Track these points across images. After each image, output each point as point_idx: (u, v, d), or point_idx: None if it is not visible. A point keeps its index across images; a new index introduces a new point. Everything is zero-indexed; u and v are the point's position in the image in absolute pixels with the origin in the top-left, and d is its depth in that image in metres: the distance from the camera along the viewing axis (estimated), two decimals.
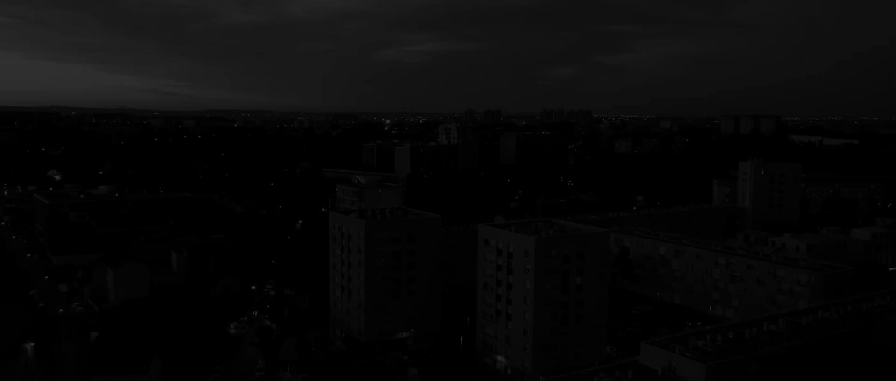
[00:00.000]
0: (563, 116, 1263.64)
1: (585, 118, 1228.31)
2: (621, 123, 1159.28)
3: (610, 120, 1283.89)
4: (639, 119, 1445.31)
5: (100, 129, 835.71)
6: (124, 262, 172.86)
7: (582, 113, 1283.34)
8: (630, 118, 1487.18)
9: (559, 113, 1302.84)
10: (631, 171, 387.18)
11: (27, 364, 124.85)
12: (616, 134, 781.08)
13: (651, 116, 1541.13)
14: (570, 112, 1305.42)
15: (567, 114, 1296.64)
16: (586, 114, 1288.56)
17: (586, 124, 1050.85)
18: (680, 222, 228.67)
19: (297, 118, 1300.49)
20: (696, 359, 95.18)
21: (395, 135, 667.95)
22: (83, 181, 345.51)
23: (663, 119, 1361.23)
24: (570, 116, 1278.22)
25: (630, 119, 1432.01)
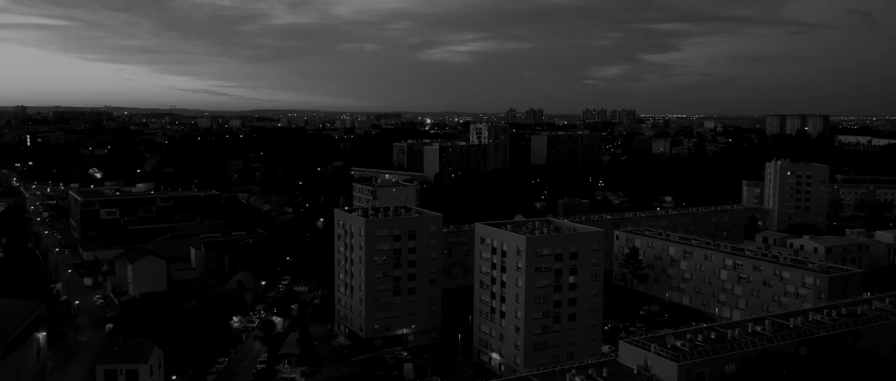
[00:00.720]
0: (606, 116, 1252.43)
1: (628, 118, 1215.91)
2: (665, 123, 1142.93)
3: (655, 120, 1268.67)
4: (684, 119, 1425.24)
5: (148, 128, 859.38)
6: (142, 257, 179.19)
7: (625, 113, 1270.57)
8: (676, 118, 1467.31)
9: (601, 113, 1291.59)
10: (662, 171, 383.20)
11: (39, 353, 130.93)
12: (657, 134, 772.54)
13: (699, 116, 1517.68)
14: (613, 112, 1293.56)
15: (610, 114, 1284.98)
16: (629, 114, 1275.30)
17: (628, 124, 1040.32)
18: (700, 224, 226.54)
19: (340, 118, 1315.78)
20: (670, 358, 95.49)
21: (434, 134, 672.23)
22: (123, 179, 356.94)
23: (708, 119, 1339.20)
24: (613, 115, 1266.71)
25: (675, 119, 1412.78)
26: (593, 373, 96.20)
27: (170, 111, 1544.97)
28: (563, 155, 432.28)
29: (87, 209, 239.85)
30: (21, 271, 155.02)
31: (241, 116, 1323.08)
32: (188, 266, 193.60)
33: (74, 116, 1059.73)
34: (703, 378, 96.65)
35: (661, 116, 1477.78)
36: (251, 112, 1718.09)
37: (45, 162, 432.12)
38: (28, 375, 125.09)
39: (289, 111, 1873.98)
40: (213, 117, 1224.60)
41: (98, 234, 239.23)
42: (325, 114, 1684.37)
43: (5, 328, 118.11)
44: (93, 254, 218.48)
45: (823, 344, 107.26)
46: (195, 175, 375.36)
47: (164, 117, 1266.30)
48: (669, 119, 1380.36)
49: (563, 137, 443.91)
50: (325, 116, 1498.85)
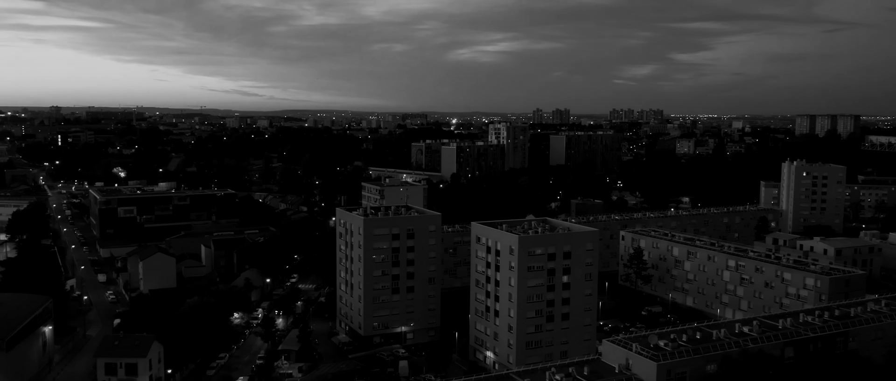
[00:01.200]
0: (633, 116, 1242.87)
1: (655, 118, 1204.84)
2: (693, 123, 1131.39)
3: (683, 120, 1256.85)
4: (715, 119, 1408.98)
5: (177, 128, 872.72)
6: (152, 254, 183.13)
7: (652, 113, 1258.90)
8: (706, 118, 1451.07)
9: (629, 113, 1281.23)
10: (682, 172, 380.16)
11: (45, 346, 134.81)
12: (683, 135, 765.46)
13: (730, 116, 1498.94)
14: (641, 112, 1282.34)
15: (637, 114, 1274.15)
16: (657, 114, 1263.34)
17: (655, 124, 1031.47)
18: (710, 225, 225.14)
19: (367, 118, 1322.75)
20: (649, 358, 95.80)
21: (459, 135, 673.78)
22: (147, 178, 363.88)
23: (739, 119, 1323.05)
24: (640, 115, 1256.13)
25: (705, 119, 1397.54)
26: (574, 371, 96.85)
27: (199, 111, 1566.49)
28: (583, 155, 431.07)
29: (105, 208, 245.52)
30: (33, 267, 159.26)
31: (270, 117, 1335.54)
32: (198, 264, 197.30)
33: (106, 117, 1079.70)
34: (684, 378, 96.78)
35: (691, 117, 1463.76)
36: (280, 112, 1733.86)
37: (72, 161, 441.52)
38: (33, 367, 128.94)
39: (318, 111, 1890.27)
40: (242, 118, 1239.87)
41: (116, 231, 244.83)
42: (354, 114, 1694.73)
43: (10, 321, 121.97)
44: (109, 251, 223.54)
45: (811, 346, 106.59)
46: (217, 174, 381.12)
47: (194, 117, 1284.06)
48: (697, 119, 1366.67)
49: (582, 138, 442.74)
50: (352, 117, 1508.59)
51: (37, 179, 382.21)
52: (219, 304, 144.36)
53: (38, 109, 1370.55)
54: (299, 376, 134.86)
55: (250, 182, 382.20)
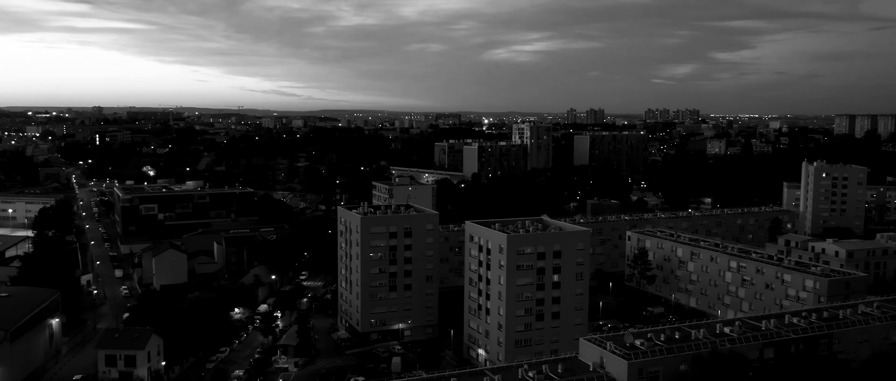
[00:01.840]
0: (668, 116, 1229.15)
1: (691, 118, 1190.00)
2: (729, 123, 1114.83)
3: (719, 120, 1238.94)
4: (756, 119, 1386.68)
5: (213, 128, 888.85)
6: (164, 251, 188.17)
7: (688, 113, 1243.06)
8: (747, 118, 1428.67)
9: (664, 113, 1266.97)
10: (706, 172, 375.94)
11: (52, 338, 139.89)
12: (717, 135, 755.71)
13: (771, 116, 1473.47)
14: (676, 111, 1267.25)
15: (672, 114, 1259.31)
16: (693, 114, 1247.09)
17: (690, 124, 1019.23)
18: (723, 226, 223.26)
19: (400, 118, 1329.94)
20: (621, 356, 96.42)
21: (490, 135, 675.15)
22: (175, 177, 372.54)
23: (780, 119, 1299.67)
24: (676, 115, 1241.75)
25: (745, 119, 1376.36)
26: (547, 369, 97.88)
27: (237, 111, 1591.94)
28: (607, 155, 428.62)
29: (127, 205, 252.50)
30: (47, 262, 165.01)
31: (308, 117, 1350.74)
32: (211, 260, 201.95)
33: (146, 117, 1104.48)
34: (657, 377, 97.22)
35: (730, 116, 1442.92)
36: (317, 112, 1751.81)
37: (105, 160, 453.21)
38: (40, 358, 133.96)
39: (355, 111, 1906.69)
40: (278, 118, 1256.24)
41: (138, 228, 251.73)
42: (389, 114, 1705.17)
43: (15, 313, 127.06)
44: (129, 247, 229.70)
45: (792, 347, 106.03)
46: (243, 173, 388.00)
47: (231, 117, 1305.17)
48: (734, 119, 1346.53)
49: (606, 138, 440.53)
50: (388, 117, 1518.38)
51: (69, 177, 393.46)
52: (219, 299, 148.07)
53: (82, 109, 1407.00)
54: (295, 370, 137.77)
55: (275, 181, 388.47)
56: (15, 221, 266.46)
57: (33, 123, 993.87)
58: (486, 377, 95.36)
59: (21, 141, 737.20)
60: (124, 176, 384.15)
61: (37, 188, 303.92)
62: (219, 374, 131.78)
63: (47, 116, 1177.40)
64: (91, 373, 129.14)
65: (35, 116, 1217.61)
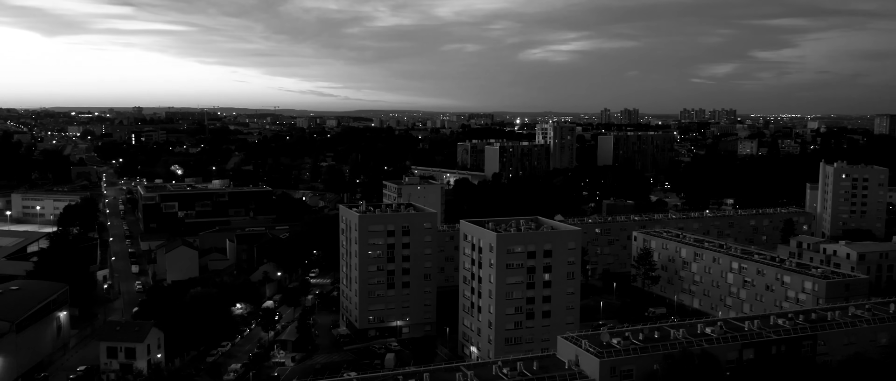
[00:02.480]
0: (704, 116, 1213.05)
1: (727, 118, 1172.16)
2: (765, 123, 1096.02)
3: (757, 120, 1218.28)
4: (795, 119, 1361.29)
5: (247, 128, 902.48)
6: (176, 247, 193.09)
7: (725, 113, 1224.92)
8: (788, 118, 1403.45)
9: (700, 113, 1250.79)
10: (730, 173, 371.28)
11: (60, 330, 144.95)
12: (751, 135, 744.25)
13: (815, 116, 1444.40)
14: (713, 112, 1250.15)
15: (709, 114, 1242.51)
16: (730, 114, 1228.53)
17: (725, 125, 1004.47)
18: (736, 227, 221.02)
19: (434, 118, 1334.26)
20: (594, 354, 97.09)
21: (520, 135, 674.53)
22: (202, 176, 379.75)
23: (824, 119, 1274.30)
24: (712, 115, 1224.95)
25: (787, 119, 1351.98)
26: (521, 366, 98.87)
27: (273, 112, 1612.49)
28: (631, 156, 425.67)
29: (148, 203, 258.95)
30: (62, 258, 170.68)
31: (343, 117, 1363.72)
32: (223, 257, 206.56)
33: (184, 117, 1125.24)
34: (631, 375, 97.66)
35: (771, 117, 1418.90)
36: (353, 113, 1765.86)
37: (136, 159, 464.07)
38: (47, 349, 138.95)
39: (391, 111, 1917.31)
40: (312, 118, 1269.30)
41: (159, 226, 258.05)
42: (424, 114, 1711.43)
43: (23, 306, 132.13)
44: (148, 244, 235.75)
45: (773, 348, 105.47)
46: (268, 172, 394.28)
47: (266, 117, 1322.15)
48: (777, 119, 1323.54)
49: (631, 138, 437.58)
50: (423, 117, 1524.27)
51: (100, 175, 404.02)
52: (220, 295, 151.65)
53: (122, 109, 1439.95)
54: (292, 365, 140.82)
55: (298, 180, 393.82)
56: (43, 217, 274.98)
57: (76, 123, 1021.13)
58: (459, 373, 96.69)
59: (61, 140, 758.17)
60: (154, 175, 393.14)
61: (66, 186, 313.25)
62: (216, 367, 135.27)
63: (89, 117, 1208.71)
64: (95, 365, 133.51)
65: (78, 116, 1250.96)
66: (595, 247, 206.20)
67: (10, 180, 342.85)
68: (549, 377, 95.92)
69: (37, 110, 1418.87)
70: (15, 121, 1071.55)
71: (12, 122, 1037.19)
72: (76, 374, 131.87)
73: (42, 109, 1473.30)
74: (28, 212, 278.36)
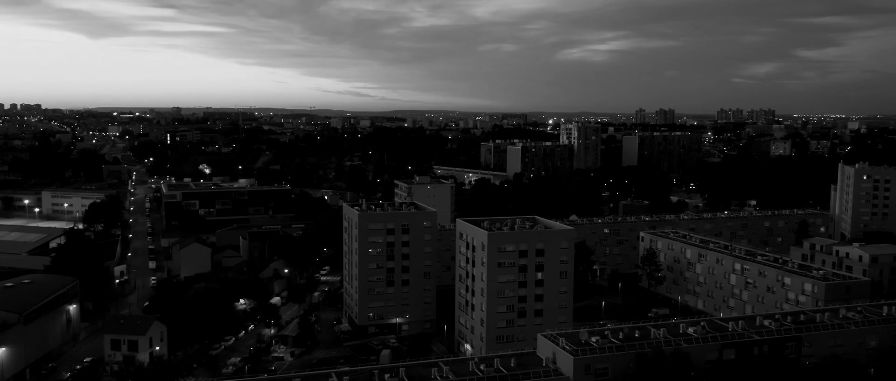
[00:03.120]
0: (741, 117, 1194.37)
1: (765, 118, 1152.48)
2: (803, 123, 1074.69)
3: (796, 120, 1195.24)
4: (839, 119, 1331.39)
5: (280, 128, 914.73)
6: (190, 244, 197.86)
7: (762, 113, 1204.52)
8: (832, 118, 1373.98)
9: (737, 113, 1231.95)
10: (756, 174, 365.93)
11: (69, 323, 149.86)
12: (788, 135, 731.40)
13: (860, 116, 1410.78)
14: (751, 112, 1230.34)
15: (746, 114, 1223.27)
16: (768, 114, 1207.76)
17: (762, 125, 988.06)
18: (749, 228, 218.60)
19: (467, 118, 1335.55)
20: (570, 352, 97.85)
21: (552, 135, 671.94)
22: (230, 175, 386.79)
23: (866, 119, 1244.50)
24: (750, 115, 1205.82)
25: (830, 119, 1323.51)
26: (498, 363, 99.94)
27: (308, 112, 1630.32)
28: (657, 156, 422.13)
29: (170, 201, 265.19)
30: (77, 253, 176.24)
31: (378, 117, 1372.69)
32: (236, 254, 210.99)
33: (221, 117, 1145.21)
34: (606, 374, 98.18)
35: (815, 117, 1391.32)
36: (390, 113, 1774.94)
37: (167, 159, 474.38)
38: (56, 340, 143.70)
39: (427, 112, 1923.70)
40: (346, 118, 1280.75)
41: (180, 223, 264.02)
42: (460, 114, 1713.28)
43: (31, 298, 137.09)
44: (168, 241, 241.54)
45: (755, 349, 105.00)
46: (292, 172, 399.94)
47: (301, 118, 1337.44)
48: (815, 120, 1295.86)
49: (657, 138, 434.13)
50: (458, 117, 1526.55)
51: (131, 174, 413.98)
52: (224, 290, 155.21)
53: (162, 109, 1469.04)
54: (290, 359, 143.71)
55: (322, 179, 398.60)
56: (71, 214, 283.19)
57: (117, 123, 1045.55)
58: (435, 368, 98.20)
59: (101, 140, 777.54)
60: (183, 174, 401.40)
61: (94, 184, 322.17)
62: (214, 360, 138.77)
63: (130, 117, 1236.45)
64: (101, 357, 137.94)
65: (119, 116, 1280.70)
66: (604, 247, 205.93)
67: (44, 178, 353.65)
68: (523, 373, 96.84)
69: (80, 111, 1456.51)
70: (59, 121, 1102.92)
71: (57, 122, 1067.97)
72: (82, 365, 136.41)
73: (85, 110, 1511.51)
74: (57, 209, 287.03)
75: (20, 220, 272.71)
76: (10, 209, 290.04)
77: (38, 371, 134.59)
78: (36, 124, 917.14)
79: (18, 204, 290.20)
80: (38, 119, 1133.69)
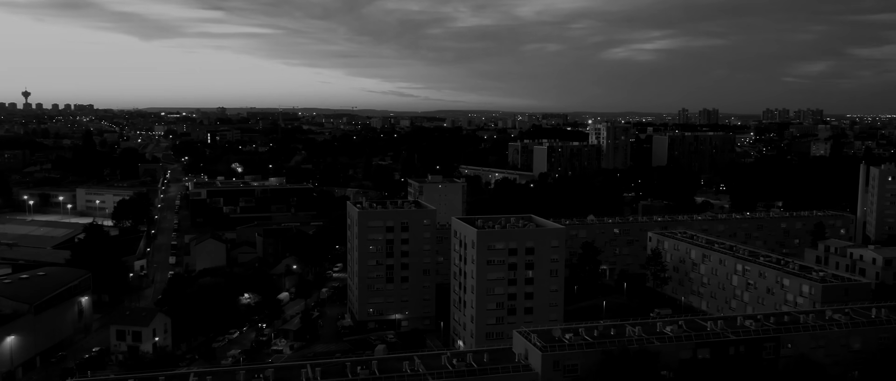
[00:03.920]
0: (788, 117, 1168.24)
1: (813, 118, 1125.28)
2: (851, 124, 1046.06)
3: (844, 121, 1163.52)
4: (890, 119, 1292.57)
5: (320, 128, 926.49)
6: (205, 240, 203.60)
7: (810, 113, 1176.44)
8: (887, 118, 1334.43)
9: (783, 113, 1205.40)
10: (786, 175, 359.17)
11: (81, 314, 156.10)
12: (833, 135, 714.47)
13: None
14: (797, 112, 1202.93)
15: (793, 114, 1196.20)
16: (815, 113, 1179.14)
17: (808, 125, 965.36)
18: (765, 230, 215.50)
19: (505, 118, 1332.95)
20: (539, 348, 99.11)
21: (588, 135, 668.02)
22: (262, 173, 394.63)
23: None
24: (797, 115, 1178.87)
25: (886, 119, 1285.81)
26: (470, 357, 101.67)
27: (350, 112, 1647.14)
28: (687, 156, 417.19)
29: (195, 198, 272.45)
30: (95, 248, 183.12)
31: (419, 117, 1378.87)
32: (252, 250, 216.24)
33: (264, 117, 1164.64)
34: (575, 370, 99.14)
35: (868, 117, 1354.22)
36: (431, 113, 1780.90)
37: (202, 157, 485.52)
38: (67, 331, 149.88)
39: (470, 112, 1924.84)
40: (386, 118, 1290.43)
41: (205, 220, 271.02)
42: (502, 114, 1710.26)
43: (42, 290, 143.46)
44: (188, 237, 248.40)
45: (731, 348, 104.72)
46: (321, 171, 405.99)
47: (342, 117, 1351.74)
48: (868, 119, 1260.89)
49: (688, 138, 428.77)
50: (500, 117, 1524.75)
51: (166, 172, 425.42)
52: (228, 285, 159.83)
53: (208, 109, 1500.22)
54: (289, 352, 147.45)
55: (349, 178, 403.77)
56: (103, 211, 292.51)
57: (163, 123, 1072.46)
58: (406, 362, 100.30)
59: (146, 139, 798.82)
60: (216, 172, 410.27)
61: (127, 182, 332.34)
62: (213, 351, 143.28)
63: (176, 117, 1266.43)
64: (108, 347, 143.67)
65: (166, 116, 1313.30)
66: (614, 247, 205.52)
67: (81, 176, 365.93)
68: (491, 368, 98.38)
69: (130, 111, 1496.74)
70: (109, 121, 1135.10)
71: (106, 122, 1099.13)
72: (90, 354, 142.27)
73: (135, 110, 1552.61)
74: (90, 205, 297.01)
75: (55, 216, 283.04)
76: (47, 205, 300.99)
77: (49, 359, 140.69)
78: (87, 124, 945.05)
79: (54, 200, 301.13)
80: (89, 119, 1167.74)
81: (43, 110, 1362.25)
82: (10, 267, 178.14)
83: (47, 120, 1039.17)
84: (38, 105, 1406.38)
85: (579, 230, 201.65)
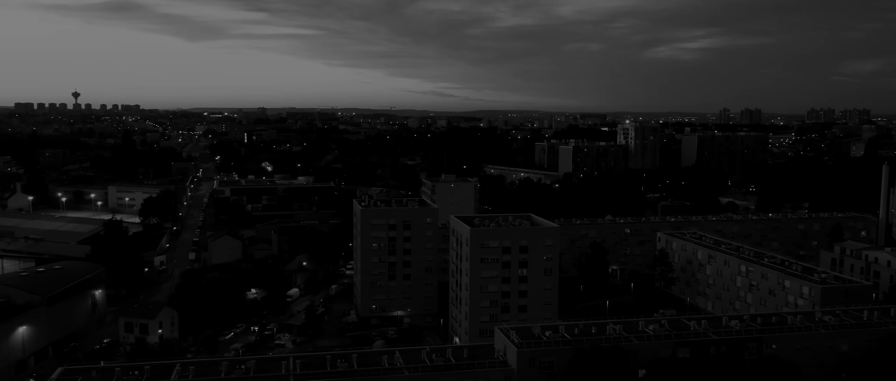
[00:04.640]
0: (833, 116, 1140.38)
1: (860, 118, 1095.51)
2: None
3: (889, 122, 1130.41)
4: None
5: (357, 128, 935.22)
6: (221, 237, 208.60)
7: (856, 113, 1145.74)
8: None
9: (829, 113, 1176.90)
10: (815, 176, 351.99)
11: (95, 307, 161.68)
12: (877, 136, 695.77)
13: None
14: (844, 111, 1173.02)
15: (839, 114, 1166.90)
16: (862, 113, 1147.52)
17: (852, 125, 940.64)
18: (781, 231, 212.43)
19: (544, 119, 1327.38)
20: (515, 345, 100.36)
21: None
22: (291, 172, 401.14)
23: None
24: (843, 115, 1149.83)
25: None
26: (450, 353, 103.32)
27: (388, 112, 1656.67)
28: (717, 157, 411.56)
29: (219, 197, 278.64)
30: (113, 243, 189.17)
31: (456, 117, 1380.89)
32: (268, 247, 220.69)
33: (303, 117, 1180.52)
34: (552, 367, 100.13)
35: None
36: (470, 113, 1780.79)
37: (235, 156, 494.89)
38: (80, 322, 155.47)
39: (510, 112, 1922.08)
40: (423, 118, 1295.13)
41: (228, 217, 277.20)
42: (541, 114, 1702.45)
43: (55, 283, 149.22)
44: (208, 234, 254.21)
45: (712, 348, 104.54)
46: (348, 170, 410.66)
47: (380, 117, 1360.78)
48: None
49: (718, 138, 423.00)
50: (539, 116, 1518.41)
51: (198, 170, 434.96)
52: (234, 280, 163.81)
53: (249, 109, 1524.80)
54: (291, 347, 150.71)
55: (376, 178, 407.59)
56: (133, 208, 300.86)
57: (205, 122, 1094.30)
58: (385, 356, 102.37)
59: (186, 139, 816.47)
60: (247, 171, 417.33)
61: (157, 180, 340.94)
62: (218, 344, 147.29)
63: (218, 117, 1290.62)
64: (117, 338, 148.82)
65: (209, 116, 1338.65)
66: (624, 247, 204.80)
67: (116, 174, 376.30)
68: (467, 363, 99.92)
69: (174, 111, 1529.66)
70: (154, 121, 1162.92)
71: (151, 122, 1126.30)
72: (100, 345, 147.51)
73: (179, 110, 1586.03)
74: (121, 203, 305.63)
75: (86, 212, 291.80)
76: (80, 202, 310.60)
77: (61, 349, 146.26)
78: (132, 124, 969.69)
79: (87, 197, 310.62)
80: (134, 119, 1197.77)
81: (91, 110, 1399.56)
82: (35, 261, 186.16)
83: (94, 120, 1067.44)
84: (87, 105, 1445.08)
85: (590, 230, 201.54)
